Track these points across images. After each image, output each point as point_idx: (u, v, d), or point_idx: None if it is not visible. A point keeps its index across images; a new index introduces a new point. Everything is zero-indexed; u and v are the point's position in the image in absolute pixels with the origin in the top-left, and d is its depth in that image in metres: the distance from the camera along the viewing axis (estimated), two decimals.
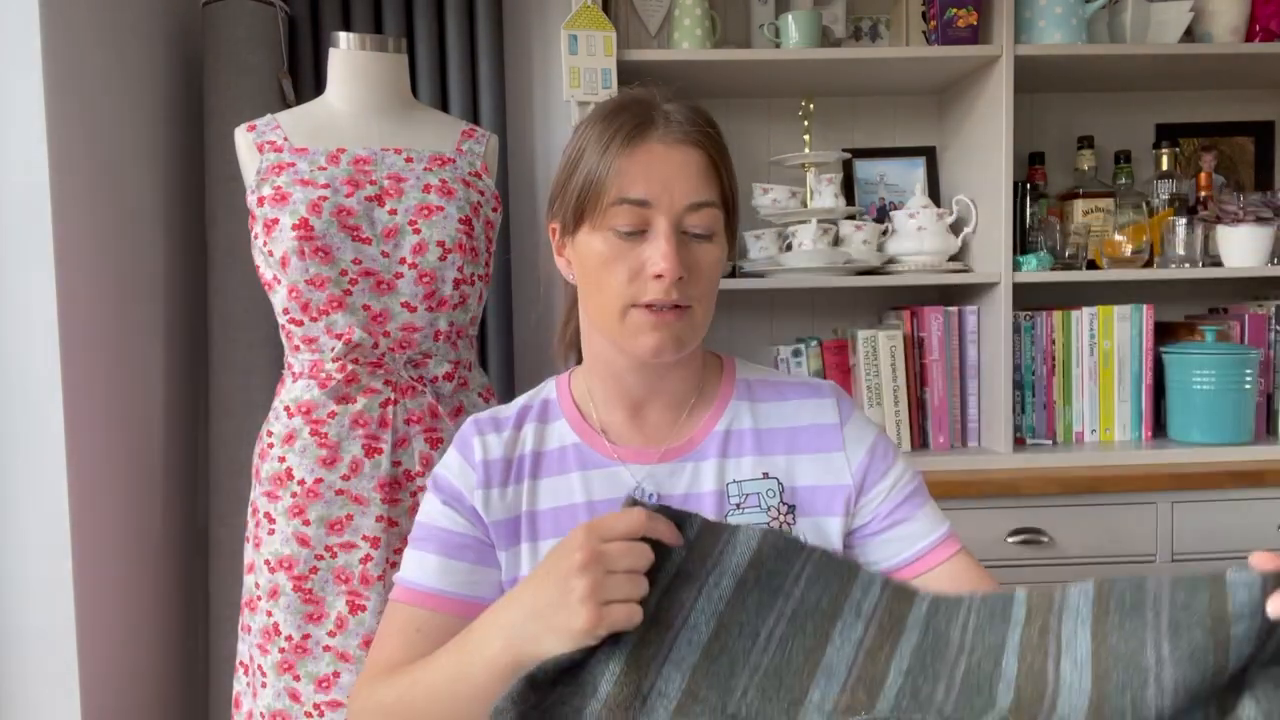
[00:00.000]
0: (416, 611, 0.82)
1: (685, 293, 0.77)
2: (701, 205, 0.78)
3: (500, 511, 0.85)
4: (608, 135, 0.79)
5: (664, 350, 0.78)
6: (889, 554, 0.85)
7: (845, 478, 0.85)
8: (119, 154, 1.57)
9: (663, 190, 0.77)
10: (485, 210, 1.39)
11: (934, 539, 0.85)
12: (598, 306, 0.80)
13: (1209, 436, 1.82)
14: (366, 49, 1.40)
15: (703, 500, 0.84)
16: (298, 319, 1.30)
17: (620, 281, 0.77)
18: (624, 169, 0.77)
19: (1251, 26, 1.90)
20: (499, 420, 0.88)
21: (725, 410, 0.87)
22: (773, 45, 1.88)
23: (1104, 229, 1.93)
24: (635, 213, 0.77)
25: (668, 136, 0.79)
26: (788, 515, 0.83)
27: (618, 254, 0.78)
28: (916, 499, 0.87)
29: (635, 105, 0.81)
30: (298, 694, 1.29)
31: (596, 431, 0.86)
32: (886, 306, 2.09)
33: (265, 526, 1.31)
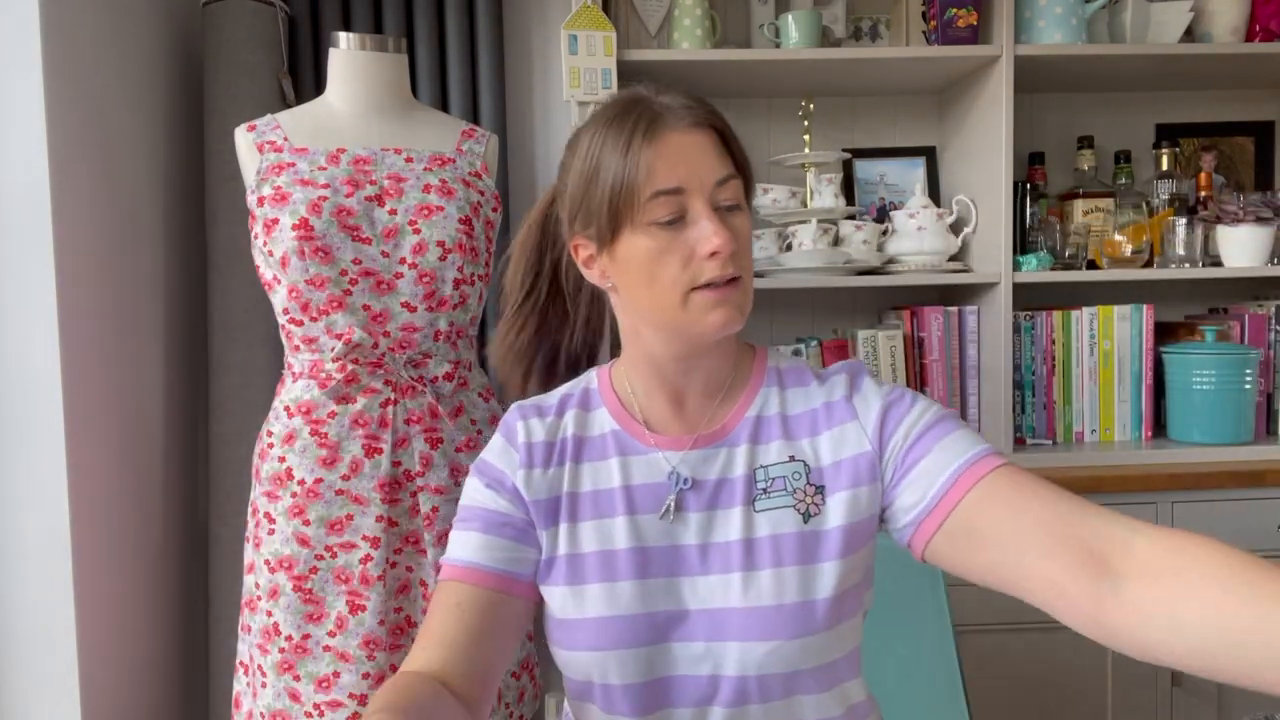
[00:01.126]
0: (459, 586, 0.84)
1: (736, 264, 0.80)
2: (727, 179, 0.82)
3: (542, 491, 0.87)
4: (624, 137, 0.81)
5: (731, 322, 0.80)
6: (917, 496, 0.80)
7: (865, 444, 0.84)
8: (119, 154, 1.57)
9: (690, 174, 0.80)
10: (485, 210, 1.39)
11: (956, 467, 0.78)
12: (652, 302, 0.82)
13: (1209, 436, 1.82)
14: (366, 49, 1.40)
15: (734, 485, 0.85)
16: (298, 319, 1.30)
17: (675, 269, 0.80)
18: (652, 165, 0.79)
19: (1251, 26, 1.90)
20: (542, 407, 0.91)
21: (756, 397, 0.89)
22: (773, 45, 1.88)
23: (1104, 229, 1.93)
24: (672, 201, 0.79)
25: (679, 124, 0.81)
26: (816, 496, 0.84)
27: (665, 244, 0.80)
28: (938, 430, 0.82)
29: (638, 105, 0.83)
30: (298, 694, 1.29)
31: (636, 420, 0.89)
32: (886, 306, 2.09)
33: (265, 526, 1.31)
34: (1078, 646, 1.70)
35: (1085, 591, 0.68)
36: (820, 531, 0.83)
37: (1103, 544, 0.70)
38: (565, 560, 0.85)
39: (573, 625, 0.83)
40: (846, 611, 0.83)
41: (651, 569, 0.83)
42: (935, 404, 0.86)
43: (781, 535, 0.82)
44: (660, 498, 0.85)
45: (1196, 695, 1.70)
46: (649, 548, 0.84)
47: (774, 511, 0.84)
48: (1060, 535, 0.71)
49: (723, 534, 0.84)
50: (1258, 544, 1.73)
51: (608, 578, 0.83)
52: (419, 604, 1.34)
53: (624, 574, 0.83)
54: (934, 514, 0.79)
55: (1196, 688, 1.69)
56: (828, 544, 0.82)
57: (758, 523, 0.83)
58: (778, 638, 0.79)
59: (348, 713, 1.28)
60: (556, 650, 0.86)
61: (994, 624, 1.69)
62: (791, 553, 0.82)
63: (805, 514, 0.83)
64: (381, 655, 1.29)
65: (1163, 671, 1.69)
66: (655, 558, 0.84)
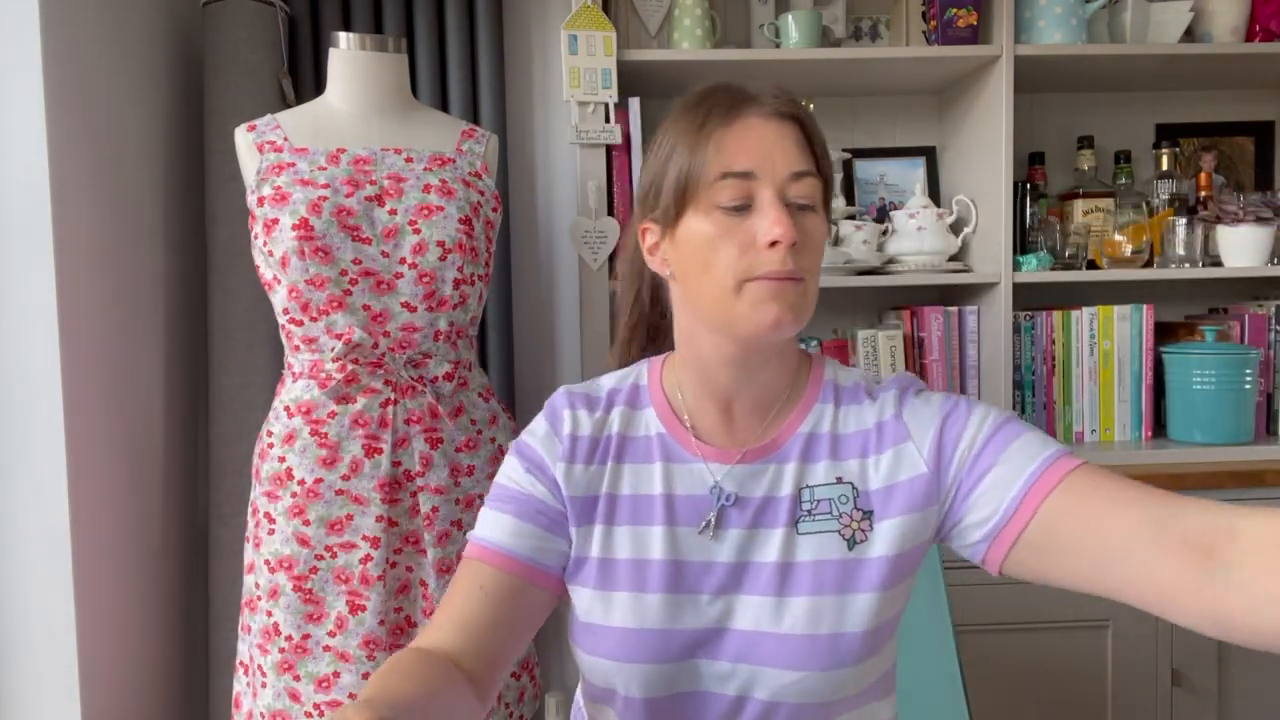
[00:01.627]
0: (485, 568, 0.82)
1: (799, 262, 0.75)
2: (803, 174, 0.77)
3: (580, 488, 0.84)
4: (700, 117, 0.78)
5: (783, 322, 0.75)
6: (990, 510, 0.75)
7: (920, 466, 0.79)
8: (119, 154, 1.56)
9: (765, 160, 0.76)
10: (485, 210, 1.39)
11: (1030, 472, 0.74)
12: (706, 289, 0.77)
13: (1209, 436, 1.82)
14: (366, 49, 1.40)
15: (780, 505, 0.81)
16: (298, 319, 1.30)
17: (732, 256, 0.75)
18: (724, 144, 0.76)
19: (1251, 26, 1.90)
20: (590, 398, 0.87)
21: (810, 412, 0.84)
22: (773, 45, 1.88)
23: (1104, 229, 1.93)
24: (740, 186, 0.76)
25: (762, 110, 0.78)
26: (863, 522, 0.79)
27: (726, 230, 0.76)
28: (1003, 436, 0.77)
29: (723, 88, 0.80)
30: (298, 694, 1.29)
31: (683, 425, 0.85)
32: (886, 306, 2.09)
33: (265, 526, 1.31)
34: (1078, 646, 1.70)
35: (1195, 588, 0.65)
36: (864, 560, 0.79)
37: (1203, 535, 0.66)
38: (597, 563, 0.83)
39: (599, 631, 0.81)
40: (881, 642, 0.80)
41: (684, 584, 0.80)
42: (994, 408, 0.81)
43: (824, 561, 0.79)
44: (701, 511, 0.82)
45: (1196, 695, 1.70)
46: (684, 561, 0.81)
47: (818, 536, 0.79)
48: (1156, 535, 0.67)
49: (761, 554, 0.80)
50: None
51: (638, 588, 0.81)
52: (419, 604, 1.34)
53: (655, 586, 0.80)
54: (1010, 525, 0.74)
55: (1196, 688, 1.69)
56: (870, 573, 0.78)
57: (800, 546, 0.80)
58: (808, 669, 0.77)
59: None
60: (579, 652, 0.84)
61: (994, 624, 1.69)
62: (832, 581, 0.78)
63: (850, 540, 0.79)
64: (381, 655, 1.29)
65: (1163, 671, 1.69)
66: (689, 573, 0.81)
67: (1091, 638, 1.69)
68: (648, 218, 0.83)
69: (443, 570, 1.33)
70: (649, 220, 0.83)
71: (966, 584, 1.31)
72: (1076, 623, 1.68)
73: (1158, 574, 0.67)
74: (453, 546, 1.34)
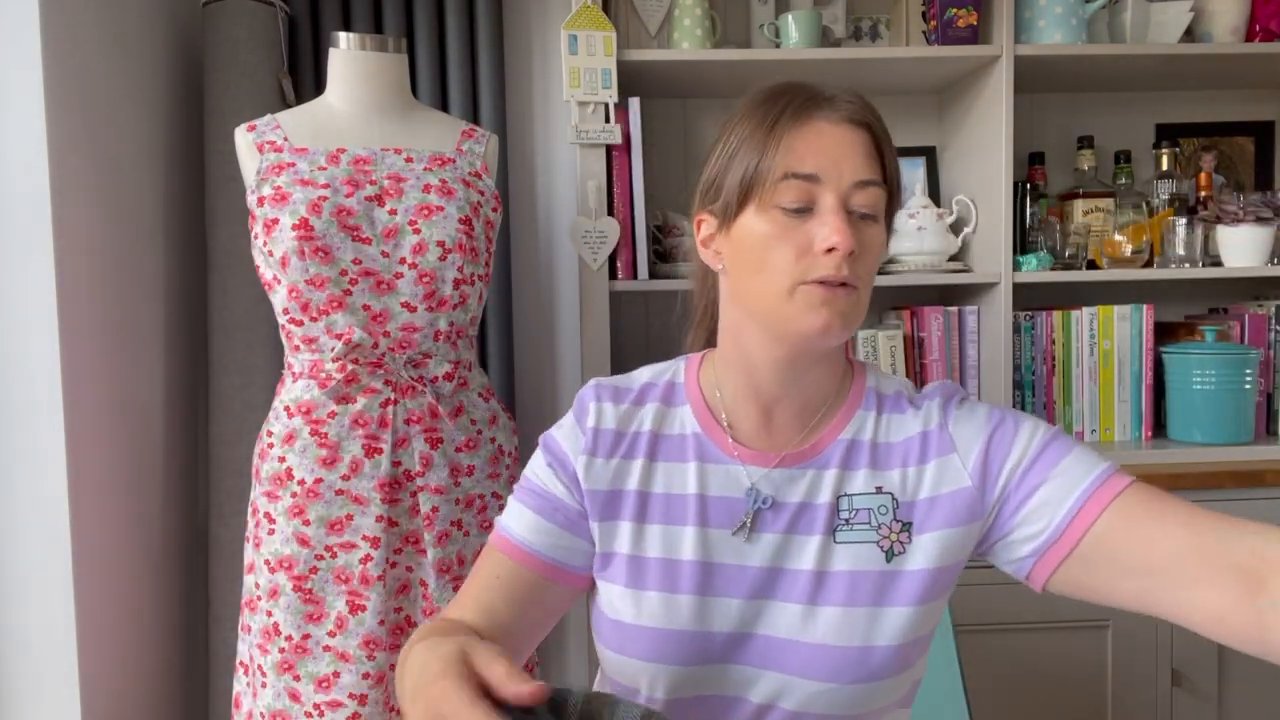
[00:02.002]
0: (505, 560, 0.83)
1: (854, 270, 0.75)
2: (868, 184, 0.76)
3: (601, 481, 0.83)
4: (772, 115, 0.77)
5: (832, 328, 0.74)
6: (1039, 526, 0.75)
7: (964, 479, 0.78)
8: (119, 154, 1.56)
9: (831, 166, 0.75)
10: (485, 210, 1.39)
11: (1082, 490, 0.74)
12: (759, 289, 0.77)
13: (1209, 436, 1.82)
14: (366, 49, 1.40)
15: (817, 512, 0.80)
16: (298, 319, 1.30)
17: (788, 259, 0.75)
18: (792, 145, 0.75)
19: (1251, 26, 1.90)
20: (620, 390, 0.87)
21: (852, 419, 0.83)
22: (773, 45, 1.88)
23: (1104, 229, 1.93)
24: (803, 188, 0.75)
25: (834, 114, 0.77)
26: (901, 534, 0.78)
27: (784, 231, 0.75)
28: (1052, 454, 0.76)
29: (797, 88, 0.79)
30: (298, 694, 1.29)
31: (720, 426, 0.84)
32: (886, 306, 2.09)
33: (265, 526, 1.31)
34: (1078, 646, 1.70)
35: (1246, 616, 0.65)
36: (901, 572, 0.78)
37: (1256, 561, 0.66)
38: (627, 560, 0.82)
39: (627, 630, 0.80)
40: (914, 657, 0.79)
41: (715, 586, 0.79)
42: (1041, 423, 0.80)
43: (860, 572, 0.78)
44: (735, 512, 0.81)
45: (1196, 695, 1.70)
46: (715, 564, 0.80)
47: (856, 546, 0.78)
48: (1210, 559, 0.67)
49: (796, 561, 0.79)
50: None
51: (669, 588, 0.80)
52: (419, 604, 1.34)
53: (686, 587, 0.79)
54: (1060, 543, 0.74)
55: (1196, 688, 1.69)
56: (907, 587, 0.77)
57: (836, 555, 0.78)
58: (836, 681, 0.76)
59: (348, 713, 1.28)
60: (604, 649, 0.83)
61: (994, 624, 1.69)
62: (867, 593, 0.77)
63: (889, 552, 0.78)
64: (381, 655, 1.29)
65: (1163, 671, 1.69)
66: (720, 575, 0.80)
67: (1091, 638, 1.69)
68: (705, 209, 0.82)
69: (443, 570, 1.33)
70: (706, 212, 0.82)
71: (966, 584, 1.31)
72: (1076, 623, 1.68)
73: (1209, 602, 0.67)
74: (453, 546, 1.34)
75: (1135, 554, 0.71)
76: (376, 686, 1.29)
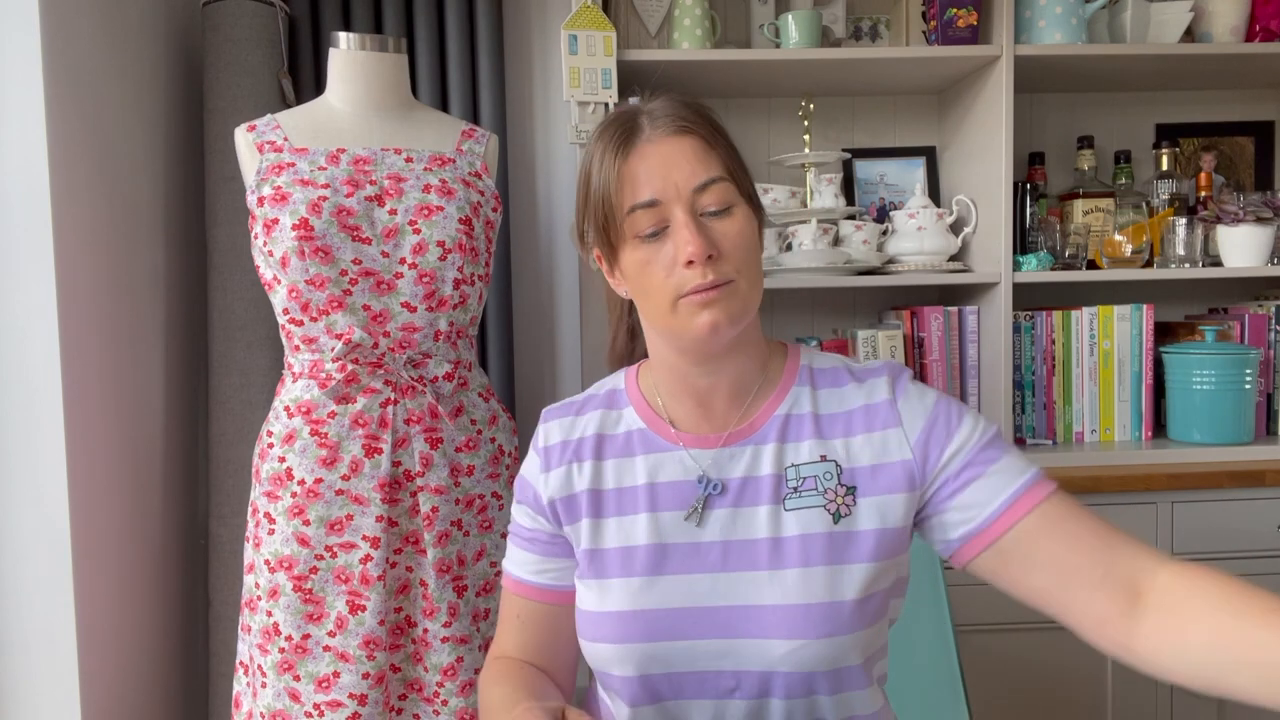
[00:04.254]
0: (516, 599, 0.93)
1: (720, 269, 0.79)
2: (707, 184, 0.80)
3: (558, 489, 0.89)
4: (600, 153, 0.83)
5: (719, 326, 0.79)
6: (965, 518, 0.82)
7: (905, 452, 0.83)
8: (119, 154, 1.56)
9: (665, 184, 0.80)
10: (485, 210, 1.39)
11: (1012, 491, 0.80)
12: (651, 310, 0.83)
13: (1209, 436, 1.82)
14: (366, 49, 1.40)
15: (760, 484, 0.85)
16: (298, 319, 1.30)
17: (661, 279, 0.80)
18: (625, 179, 0.81)
19: (1251, 26, 1.90)
20: (563, 407, 0.94)
21: (787, 396, 0.88)
22: (773, 45, 1.88)
23: (1104, 229, 1.93)
24: (650, 214, 0.80)
25: (654, 135, 0.82)
26: (846, 497, 0.83)
27: (650, 256, 0.80)
28: (990, 453, 0.83)
29: (619, 118, 0.84)
30: (298, 694, 1.29)
31: (662, 419, 0.89)
32: (886, 306, 2.09)
33: (265, 526, 1.31)
34: (1078, 646, 1.69)
35: (1120, 623, 0.74)
36: (851, 532, 0.82)
37: (1137, 576, 0.75)
38: (588, 554, 0.87)
39: (594, 618, 0.85)
40: (873, 614, 0.82)
41: (670, 565, 0.84)
42: (981, 420, 0.85)
43: (811, 535, 0.82)
44: (684, 496, 0.85)
45: (1196, 695, 1.70)
46: (669, 544, 0.84)
47: (804, 511, 0.83)
48: (1106, 569, 0.76)
49: (747, 532, 0.83)
50: (1258, 544, 1.73)
51: (627, 573, 0.84)
52: (419, 604, 1.34)
53: (642, 570, 0.84)
54: (987, 532, 0.80)
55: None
56: (859, 545, 0.82)
57: (786, 521, 0.83)
58: (804, 637, 0.79)
59: (348, 713, 1.28)
60: (581, 642, 0.88)
61: (994, 624, 1.69)
62: (820, 552, 0.81)
63: (836, 514, 0.83)
64: (381, 655, 1.29)
65: None
66: (675, 554, 0.84)
67: None
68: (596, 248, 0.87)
69: (443, 570, 1.33)
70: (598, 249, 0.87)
71: (966, 584, 1.31)
72: None
73: (1097, 606, 0.76)
74: (453, 546, 1.34)
75: (1045, 556, 0.78)
76: (376, 686, 1.29)
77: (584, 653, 0.88)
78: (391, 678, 1.33)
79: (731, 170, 0.83)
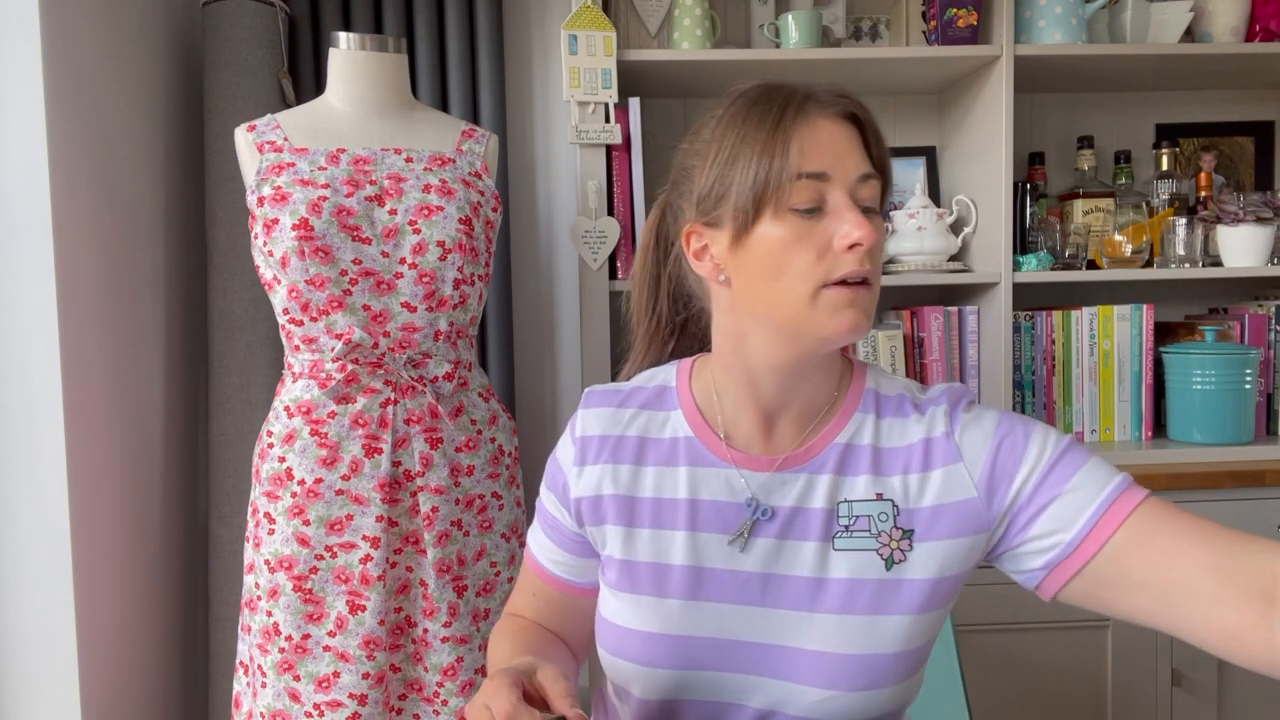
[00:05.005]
0: (533, 578, 0.92)
1: (873, 265, 0.74)
2: (869, 177, 0.75)
3: (588, 488, 0.84)
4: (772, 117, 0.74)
5: (860, 326, 0.73)
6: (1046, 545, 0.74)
7: (970, 490, 0.76)
8: (119, 154, 1.56)
9: (836, 162, 0.73)
10: (485, 210, 1.39)
11: (1096, 507, 0.72)
12: (776, 296, 0.74)
13: (1209, 436, 1.82)
14: (366, 49, 1.40)
15: (810, 517, 0.78)
16: (298, 319, 1.30)
17: (808, 262, 0.72)
18: (800, 145, 0.73)
19: (1251, 26, 1.90)
20: (609, 395, 0.87)
21: (849, 422, 0.81)
22: (773, 45, 1.88)
23: (1104, 229, 1.93)
24: (814, 188, 0.73)
25: (828, 111, 0.75)
26: (902, 541, 0.77)
27: (801, 234, 0.73)
28: (1064, 469, 0.74)
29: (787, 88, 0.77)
30: (298, 694, 1.29)
31: (713, 430, 0.82)
32: (886, 306, 2.09)
33: (265, 526, 1.31)
34: (1078, 646, 1.70)
35: (1260, 634, 0.65)
36: (902, 581, 0.76)
37: (1269, 580, 0.66)
38: (619, 564, 0.82)
39: (621, 633, 0.81)
40: (915, 665, 0.78)
41: (706, 592, 0.79)
42: (1052, 432, 0.78)
43: (859, 580, 0.76)
44: (727, 518, 0.80)
45: (1196, 695, 1.70)
46: (706, 569, 0.79)
47: (855, 554, 0.77)
48: (1224, 578, 0.67)
49: (792, 567, 0.78)
50: None
51: (659, 593, 0.79)
52: (419, 604, 1.34)
53: (676, 592, 0.79)
54: (1074, 557, 0.73)
55: (1196, 688, 1.69)
56: (907, 595, 0.76)
57: (835, 562, 0.77)
58: (836, 689, 0.75)
59: (348, 713, 1.28)
60: (601, 651, 0.83)
61: (994, 624, 1.69)
62: (867, 600, 0.76)
63: (889, 560, 0.77)
64: (381, 655, 1.29)
65: (1163, 671, 1.69)
66: (712, 580, 0.79)
67: (1091, 638, 1.69)
68: (700, 223, 0.79)
69: (443, 570, 1.33)
70: (701, 225, 0.79)
71: (967, 584, 1.32)
72: (1076, 623, 1.68)
73: (1224, 621, 0.67)
74: (453, 546, 1.34)
75: (1150, 572, 0.70)
76: (376, 686, 1.29)
77: (603, 663, 0.83)
78: (391, 678, 1.33)
79: (887, 174, 0.78)
